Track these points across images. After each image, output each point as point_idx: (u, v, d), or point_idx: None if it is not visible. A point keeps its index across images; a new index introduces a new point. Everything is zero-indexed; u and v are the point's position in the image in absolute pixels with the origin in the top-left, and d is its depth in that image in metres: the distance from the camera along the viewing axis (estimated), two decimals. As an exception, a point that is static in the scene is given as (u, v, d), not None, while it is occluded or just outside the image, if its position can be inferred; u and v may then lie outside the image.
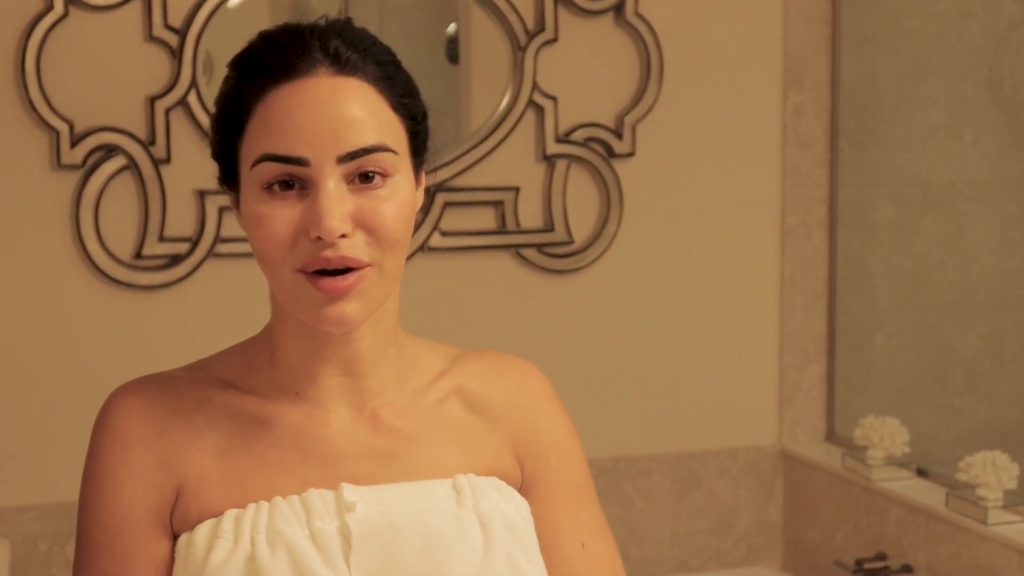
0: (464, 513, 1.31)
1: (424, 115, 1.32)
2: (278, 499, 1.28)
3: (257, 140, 1.25)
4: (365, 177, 1.24)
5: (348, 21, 1.31)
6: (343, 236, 1.22)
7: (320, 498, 1.28)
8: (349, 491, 1.28)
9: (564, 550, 1.38)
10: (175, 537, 1.31)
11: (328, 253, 1.22)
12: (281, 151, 1.23)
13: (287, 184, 1.24)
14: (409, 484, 1.32)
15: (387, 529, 1.27)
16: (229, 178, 1.31)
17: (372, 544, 1.27)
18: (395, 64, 1.31)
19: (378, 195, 1.25)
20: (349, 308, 1.24)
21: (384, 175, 1.25)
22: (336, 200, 1.22)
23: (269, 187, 1.24)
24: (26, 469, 2.49)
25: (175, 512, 1.31)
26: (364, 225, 1.24)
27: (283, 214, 1.23)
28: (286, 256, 1.24)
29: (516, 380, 1.42)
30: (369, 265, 1.24)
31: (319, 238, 1.22)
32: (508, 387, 1.41)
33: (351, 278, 1.23)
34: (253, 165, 1.24)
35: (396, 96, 1.29)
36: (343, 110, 1.24)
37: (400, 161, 1.27)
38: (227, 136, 1.29)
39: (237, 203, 1.31)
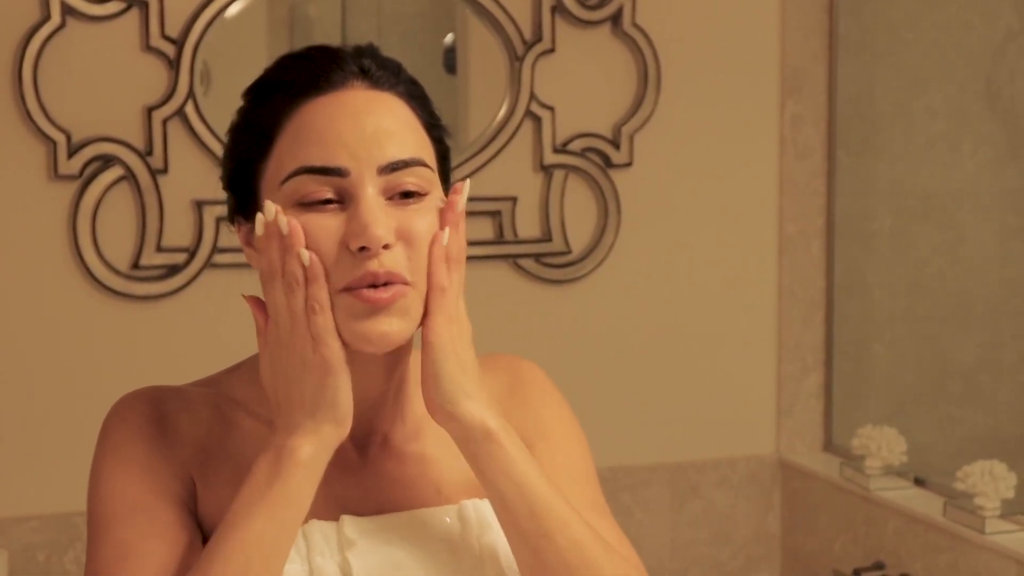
0: (467, 547, 1.28)
1: (446, 140, 1.31)
2: None
3: (290, 155, 1.21)
4: (405, 195, 1.21)
5: (374, 45, 1.29)
6: (386, 247, 1.19)
7: (321, 531, 1.25)
8: (350, 526, 1.26)
9: None
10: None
11: (374, 267, 1.18)
12: (319, 162, 1.19)
13: (325, 201, 1.20)
14: (413, 513, 1.29)
15: (388, 565, 1.25)
16: (245, 207, 1.27)
17: None
18: (422, 88, 1.29)
19: (418, 210, 1.22)
20: (393, 325, 1.20)
21: (422, 193, 1.22)
22: (378, 209, 1.19)
23: (305, 204, 1.20)
24: (24, 479, 2.48)
25: (199, 508, 1.27)
26: (405, 238, 1.20)
27: (323, 227, 1.19)
28: (327, 275, 1.19)
29: (508, 377, 1.41)
30: (410, 284, 1.21)
31: (362, 249, 1.18)
32: (502, 386, 1.39)
33: (393, 290, 1.19)
34: (285, 181, 1.20)
35: (427, 116, 1.27)
36: (382, 121, 1.22)
37: (435, 181, 1.25)
38: (246, 163, 1.25)
39: (248, 238, 1.27)
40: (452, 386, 1.24)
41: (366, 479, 1.30)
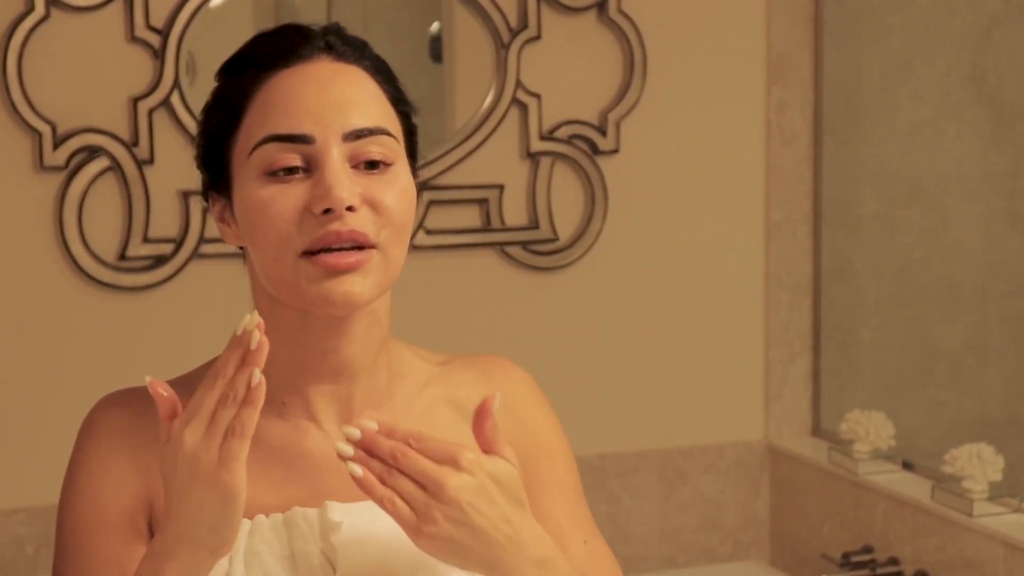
0: None
1: (413, 117, 1.33)
2: (260, 518, 1.26)
3: (258, 125, 1.23)
4: (370, 164, 1.23)
5: (340, 25, 1.31)
6: (350, 209, 1.20)
7: (304, 517, 1.26)
8: (334, 510, 1.26)
9: (569, 548, 1.35)
10: None
11: (337, 226, 1.20)
12: (284, 129, 1.22)
13: (290, 170, 1.22)
14: None
15: (373, 548, 1.25)
16: (217, 182, 1.28)
17: (358, 565, 1.24)
18: (389, 66, 1.31)
19: (383, 179, 1.24)
20: (356, 286, 1.21)
21: (387, 163, 1.24)
22: (343, 173, 1.21)
23: (271, 173, 1.22)
24: (12, 472, 2.48)
25: (153, 521, 1.29)
26: (370, 202, 1.22)
27: (288, 194, 1.21)
28: (290, 240, 1.21)
29: (504, 386, 1.40)
30: (375, 247, 1.22)
31: (326, 211, 1.19)
32: (496, 392, 1.40)
33: (357, 255, 1.20)
34: (252, 151, 1.23)
35: (393, 91, 1.29)
36: (346, 90, 1.24)
37: (400, 152, 1.27)
38: (218, 137, 1.27)
39: (222, 213, 1.29)
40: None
41: (344, 466, 1.30)
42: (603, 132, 2.75)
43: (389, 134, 1.25)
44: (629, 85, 2.75)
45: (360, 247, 1.21)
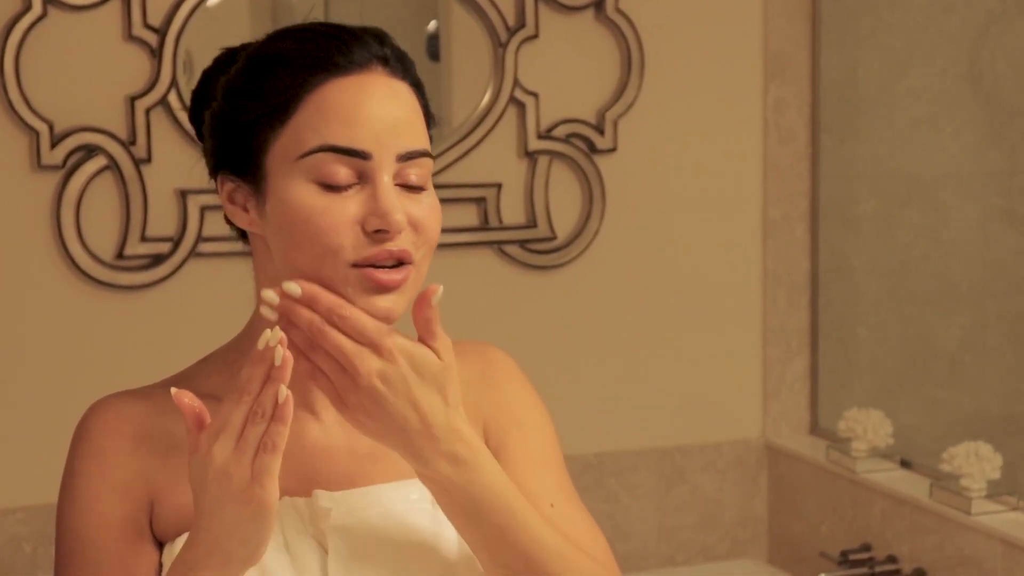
0: (439, 513, 1.30)
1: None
2: None
3: (311, 130, 1.23)
4: (410, 186, 1.25)
5: (388, 33, 1.32)
6: (399, 232, 1.23)
7: (294, 507, 1.28)
8: (324, 498, 1.28)
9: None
10: (160, 546, 1.31)
11: (390, 247, 1.22)
12: (345, 143, 1.22)
13: (344, 186, 1.23)
14: (386, 486, 1.32)
15: (363, 535, 1.27)
16: (238, 166, 1.28)
17: (348, 551, 1.26)
18: (421, 80, 1.33)
19: (421, 199, 1.26)
20: (397, 304, 1.23)
21: (424, 185, 1.27)
22: (395, 194, 1.23)
23: (326, 184, 1.22)
24: (10, 471, 2.48)
25: (154, 522, 1.30)
26: (412, 223, 1.24)
27: (341, 206, 1.22)
28: (340, 251, 1.21)
29: (477, 363, 1.43)
30: (414, 264, 1.25)
31: (378, 231, 1.21)
32: (471, 372, 1.41)
33: (403, 272, 1.23)
34: (305, 156, 1.23)
35: (426, 108, 1.31)
36: (402, 110, 1.26)
37: (431, 170, 1.29)
38: (252, 126, 1.26)
39: (233, 195, 1.28)
40: (425, 458, 1.23)
41: (335, 454, 1.32)
42: (601, 131, 2.75)
43: (431, 156, 1.28)
44: (627, 84, 2.75)
45: (402, 262, 1.24)
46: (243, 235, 1.35)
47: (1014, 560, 2.27)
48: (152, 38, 2.48)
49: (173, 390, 1.16)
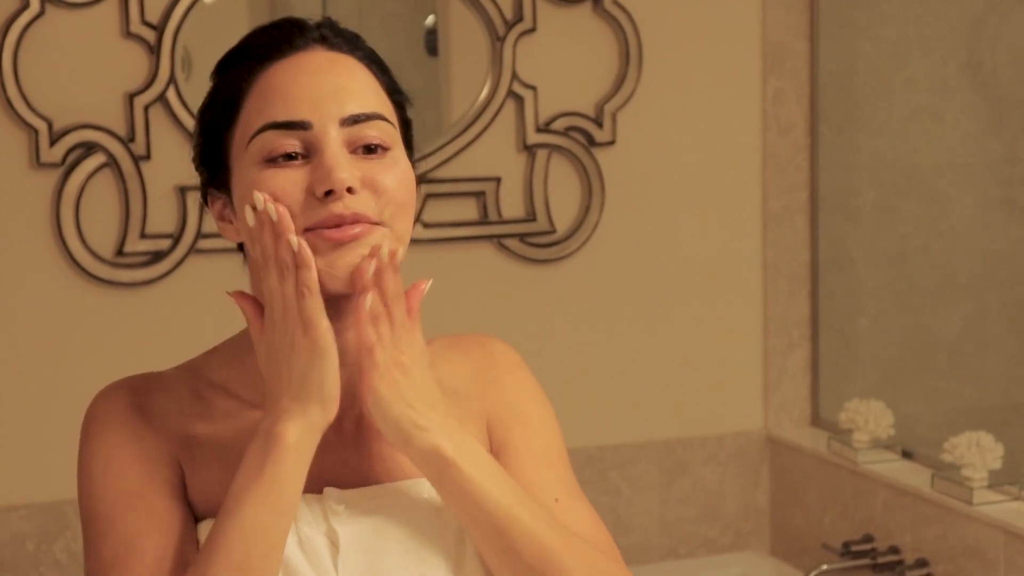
0: (447, 512, 1.30)
1: (408, 110, 1.34)
2: None
3: (255, 115, 1.24)
4: (368, 149, 1.25)
5: (332, 19, 1.33)
6: (350, 191, 1.22)
7: (306, 504, 1.28)
8: (334, 496, 1.28)
9: None
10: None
11: (339, 208, 1.21)
12: (282, 117, 1.23)
13: (289, 156, 1.23)
14: (393, 485, 1.31)
15: (372, 532, 1.27)
16: (216, 178, 1.29)
17: (358, 548, 1.26)
18: (381, 58, 1.33)
19: (381, 162, 1.25)
20: (358, 256, 1.23)
21: (385, 147, 1.26)
22: (342, 156, 1.23)
23: (271, 159, 1.23)
24: (12, 468, 2.48)
25: (187, 491, 1.29)
26: (370, 185, 1.24)
27: (288, 176, 1.23)
28: (293, 218, 1.22)
29: (480, 357, 1.42)
30: (379, 223, 1.24)
31: (327, 193, 1.21)
32: (475, 366, 1.41)
33: (360, 227, 1.22)
34: (251, 140, 1.24)
35: (387, 82, 1.31)
36: (342, 78, 1.26)
37: (397, 138, 1.28)
38: (216, 133, 1.28)
39: (222, 211, 1.30)
40: (401, 427, 1.25)
41: (345, 454, 1.32)
42: (599, 124, 2.75)
43: (385, 119, 1.27)
44: (625, 76, 2.75)
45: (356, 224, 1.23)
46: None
47: (1016, 550, 2.27)
48: (150, 35, 2.48)
49: (228, 291, 1.27)
